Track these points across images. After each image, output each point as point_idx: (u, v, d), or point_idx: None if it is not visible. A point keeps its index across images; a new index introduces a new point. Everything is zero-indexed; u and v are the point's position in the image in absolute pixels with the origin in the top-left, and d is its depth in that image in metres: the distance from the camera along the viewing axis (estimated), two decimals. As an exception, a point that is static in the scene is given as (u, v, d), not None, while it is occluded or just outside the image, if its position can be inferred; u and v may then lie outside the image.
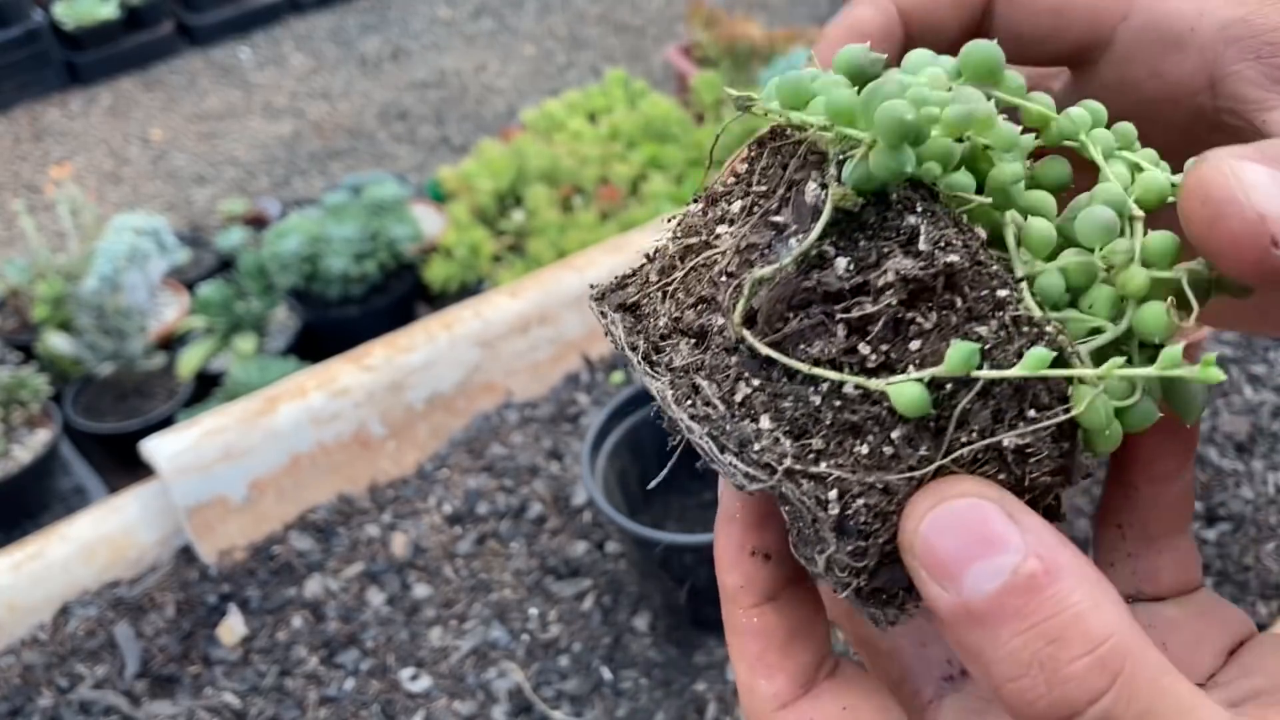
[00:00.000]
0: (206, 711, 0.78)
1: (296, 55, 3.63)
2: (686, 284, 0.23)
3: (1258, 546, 0.81)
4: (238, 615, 0.85)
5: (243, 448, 0.88)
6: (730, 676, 0.77)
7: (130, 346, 1.82)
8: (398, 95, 3.38)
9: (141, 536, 0.89)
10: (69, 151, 3.21)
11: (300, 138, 3.21)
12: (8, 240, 2.85)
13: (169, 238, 1.87)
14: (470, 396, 0.99)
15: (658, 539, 0.73)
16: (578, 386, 1.03)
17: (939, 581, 0.21)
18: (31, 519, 1.72)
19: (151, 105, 3.40)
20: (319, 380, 0.93)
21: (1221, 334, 1.01)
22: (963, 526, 0.21)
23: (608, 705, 0.76)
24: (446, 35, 3.70)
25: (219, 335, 2.01)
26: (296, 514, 0.92)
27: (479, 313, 1.00)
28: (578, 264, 1.05)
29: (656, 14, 3.74)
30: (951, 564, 0.21)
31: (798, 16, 3.65)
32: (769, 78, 1.27)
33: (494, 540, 0.89)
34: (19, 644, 0.84)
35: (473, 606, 0.84)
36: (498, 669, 0.79)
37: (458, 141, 3.15)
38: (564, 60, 3.52)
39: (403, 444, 0.96)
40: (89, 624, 0.85)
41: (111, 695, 0.80)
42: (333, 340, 1.98)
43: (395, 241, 2.07)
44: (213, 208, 2.90)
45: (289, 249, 1.98)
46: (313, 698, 0.79)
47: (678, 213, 0.25)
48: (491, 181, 1.97)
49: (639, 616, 0.82)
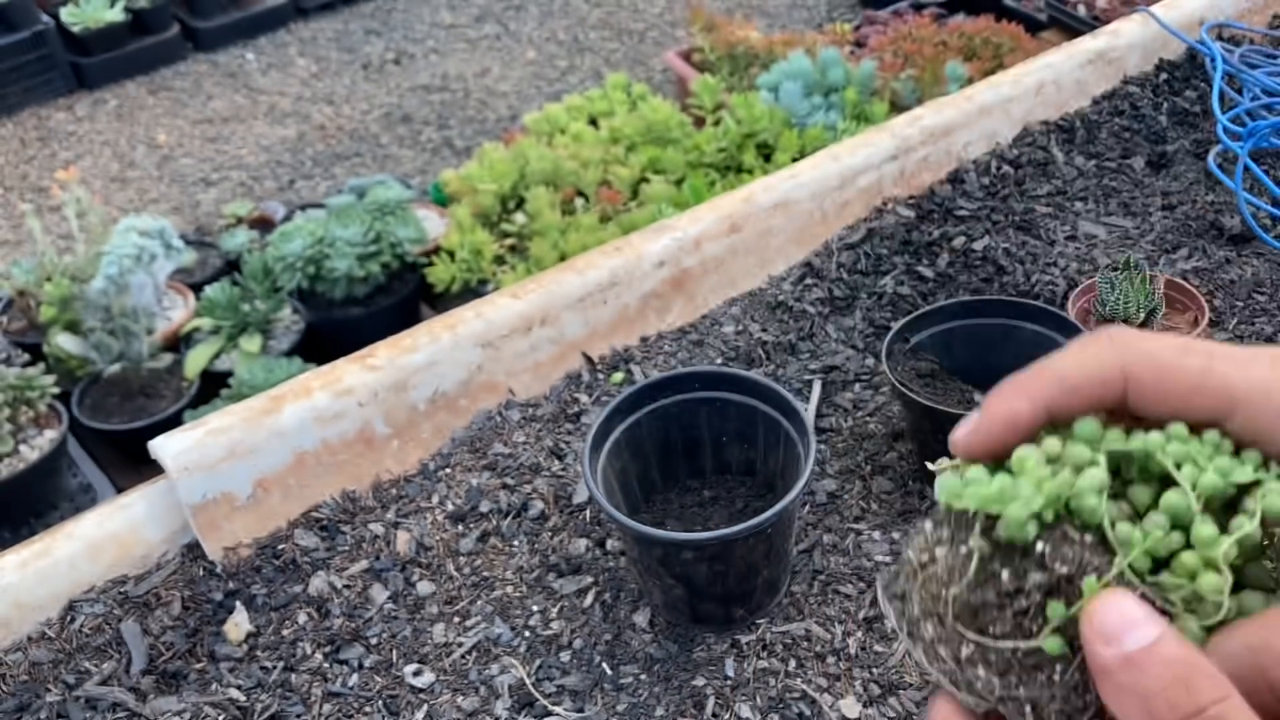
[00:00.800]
0: (212, 707, 0.79)
1: (301, 59, 3.65)
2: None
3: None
4: (243, 612, 0.86)
5: (248, 446, 0.89)
6: (730, 671, 0.77)
7: (137, 347, 1.83)
8: (401, 99, 3.39)
9: (148, 534, 0.90)
10: (75, 154, 3.22)
11: (305, 141, 3.23)
12: (15, 242, 2.87)
13: (175, 240, 1.89)
14: (473, 396, 1.00)
15: (658, 537, 0.74)
16: (579, 386, 1.03)
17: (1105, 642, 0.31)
18: (39, 517, 1.73)
19: (157, 109, 3.42)
20: (324, 380, 0.94)
21: (1213, 334, 1.02)
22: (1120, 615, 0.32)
23: (608, 700, 0.77)
24: (449, 40, 3.72)
25: (225, 336, 2.02)
26: (301, 512, 0.93)
27: (481, 313, 1.01)
28: (579, 266, 1.06)
29: (657, 19, 3.75)
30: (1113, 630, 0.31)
31: (796, 21, 3.66)
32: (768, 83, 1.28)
33: (496, 538, 0.90)
34: (26, 641, 0.85)
35: (475, 603, 0.85)
36: (500, 665, 0.80)
37: (460, 145, 3.16)
38: (565, 64, 3.54)
39: (406, 443, 0.97)
40: (95, 621, 0.86)
41: (118, 691, 0.81)
42: (337, 341, 1.99)
43: (399, 243, 2.08)
44: (218, 210, 2.91)
45: (294, 251, 1.99)
46: (317, 693, 0.80)
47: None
48: (494, 184, 1.98)
49: (639, 613, 0.82)
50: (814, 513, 0.89)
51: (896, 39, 2.23)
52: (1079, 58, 1.39)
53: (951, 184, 1.26)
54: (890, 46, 2.17)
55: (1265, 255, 1.14)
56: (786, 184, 1.16)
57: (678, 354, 1.06)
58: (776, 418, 0.80)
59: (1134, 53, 1.44)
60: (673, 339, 1.09)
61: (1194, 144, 1.32)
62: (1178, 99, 1.40)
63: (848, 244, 1.18)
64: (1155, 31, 1.45)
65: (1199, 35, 1.47)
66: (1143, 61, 1.45)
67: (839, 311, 1.11)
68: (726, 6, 3.75)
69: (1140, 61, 1.45)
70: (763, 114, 1.96)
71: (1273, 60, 1.42)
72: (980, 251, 1.15)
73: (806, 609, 0.81)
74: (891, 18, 2.59)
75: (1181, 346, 0.37)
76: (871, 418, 0.97)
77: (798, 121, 2.00)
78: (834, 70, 2.06)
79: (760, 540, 0.75)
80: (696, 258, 1.10)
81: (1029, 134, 1.34)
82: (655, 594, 0.81)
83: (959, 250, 1.16)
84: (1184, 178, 1.27)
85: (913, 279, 1.13)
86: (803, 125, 2.00)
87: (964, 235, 1.18)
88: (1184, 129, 1.36)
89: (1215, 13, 1.51)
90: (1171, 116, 1.37)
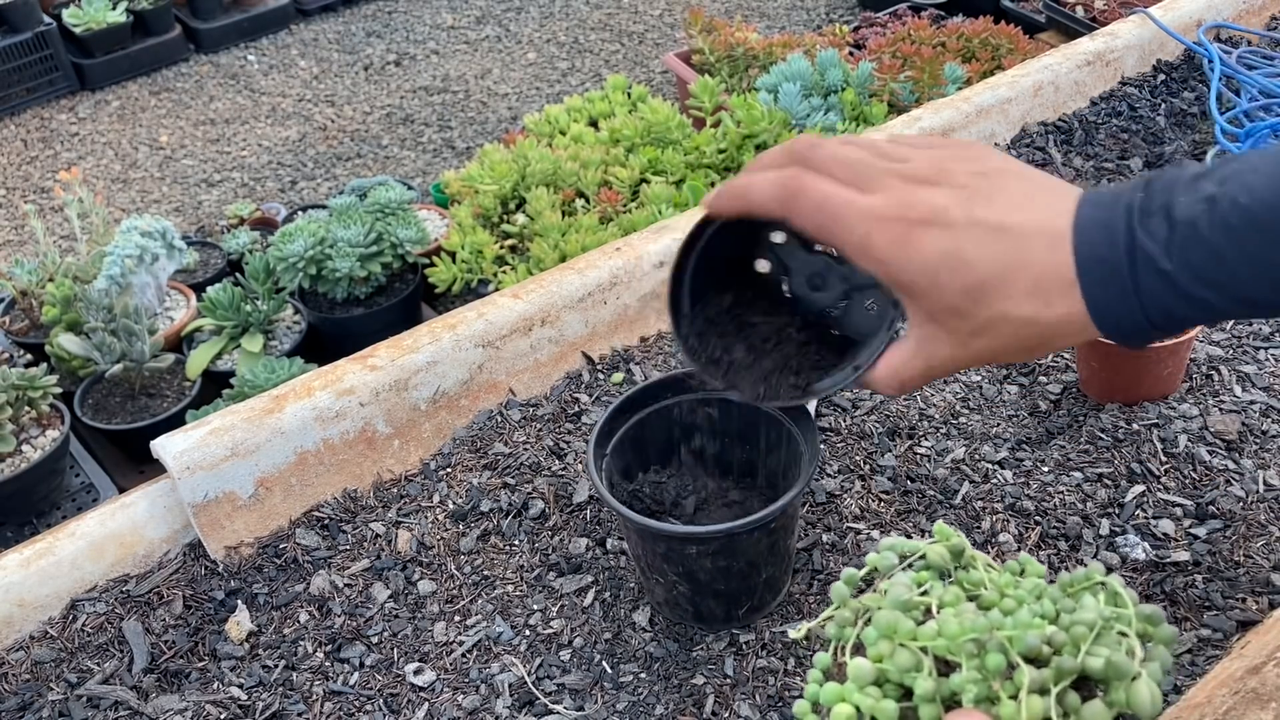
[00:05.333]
0: (213, 706, 0.79)
1: (302, 61, 3.65)
2: None
3: (1247, 543, 0.82)
4: (245, 611, 0.86)
5: (250, 446, 0.90)
6: (729, 670, 0.78)
7: (139, 347, 1.83)
8: (402, 100, 3.40)
9: (150, 533, 0.90)
10: (78, 155, 3.23)
11: (306, 142, 3.23)
12: (18, 242, 2.87)
13: (177, 240, 1.89)
14: (474, 395, 1.01)
15: (663, 531, 0.75)
16: (579, 386, 1.04)
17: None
18: (41, 516, 1.74)
19: (159, 110, 3.42)
20: (325, 380, 0.94)
21: (1211, 333, 1.02)
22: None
23: (608, 699, 0.77)
24: (450, 41, 3.72)
25: (226, 336, 2.02)
26: (303, 511, 0.93)
27: (482, 313, 1.01)
28: (579, 266, 1.07)
29: (656, 21, 3.75)
30: None
31: (795, 23, 3.67)
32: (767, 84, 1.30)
33: (497, 537, 0.90)
34: (28, 640, 0.85)
35: (476, 602, 0.85)
36: (500, 663, 0.80)
37: (461, 146, 3.16)
38: (566, 66, 3.54)
39: (407, 442, 0.98)
40: (98, 620, 0.86)
41: (120, 690, 0.81)
42: (339, 341, 2.00)
43: (400, 244, 2.08)
44: (220, 211, 2.92)
45: (295, 251, 1.99)
46: (318, 692, 0.80)
47: None
48: (494, 185, 1.99)
49: (639, 612, 0.83)
50: (813, 512, 0.89)
51: (895, 40, 2.23)
52: (1077, 59, 1.40)
53: (950, 185, 1.26)
54: (889, 48, 2.17)
55: (1262, 256, 1.15)
56: (786, 185, 1.17)
57: (677, 354, 1.07)
58: (778, 416, 0.80)
59: (1132, 54, 1.44)
60: (672, 339, 1.09)
61: (1192, 145, 1.33)
62: (1175, 100, 1.40)
63: (847, 245, 1.18)
64: (1153, 33, 1.46)
65: (1196, 37, 1.47)
66: (1140, 63, 1.46)
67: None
68: (726, 8, 3.75)
69: (1138, 63, 1.45)
70: (762, 115, 1.97)
71: (1270, 62, 1.43)
72: (979, 252, 1.16)
73: (806, 608, 0.82)
74: (890, 19, 2.60)
75: (848, 204, 0.55)
76: (870, 416, 0.97)
77: (797, 123, 2.01)
78: (832, 72, 2.07)
79: (763, 535, 0.75)
80: (696, 258, 1.11)
81: (1027, 135, 1.34)
82: (657, 591, 0.81)
83: (957, 251, 1.17)
84: (1182, 179, 1.28)
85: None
86: (802, 126, 2.00)
87: (962, 236, 1.18)
88: (1182, 130, 1.36)
89: (1213, 14, 1.51)
90: (1169, 118, 1.38)
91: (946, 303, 0.52)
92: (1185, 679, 0.72)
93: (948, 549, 0.47)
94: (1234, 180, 0.47)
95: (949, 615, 0.43)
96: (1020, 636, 0.41)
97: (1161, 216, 0.48)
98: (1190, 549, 0.81)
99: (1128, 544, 0.82)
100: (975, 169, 0.54)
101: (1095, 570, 0.46)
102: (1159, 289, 0.48)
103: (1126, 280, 0.48)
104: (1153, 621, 0.45)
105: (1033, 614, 0.42)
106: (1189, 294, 0.48)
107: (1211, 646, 0.75)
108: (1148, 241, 0.48)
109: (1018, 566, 0.48)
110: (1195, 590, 0.78)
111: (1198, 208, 0.47)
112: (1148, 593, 0.79)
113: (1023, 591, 0.45)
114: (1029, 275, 0.50)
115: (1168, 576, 0.80)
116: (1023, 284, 0.50)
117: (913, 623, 0.43)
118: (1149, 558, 0.81)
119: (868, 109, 2.02)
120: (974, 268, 0.51)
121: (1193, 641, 0.75)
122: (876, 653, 0.43)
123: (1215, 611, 0.77)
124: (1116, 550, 0.82)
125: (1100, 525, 0.84)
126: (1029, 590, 0.45)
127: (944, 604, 0.44)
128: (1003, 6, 2.73)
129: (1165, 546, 0.82)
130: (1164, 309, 0.48)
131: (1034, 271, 0.50)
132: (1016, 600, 0.44)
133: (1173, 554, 0.81)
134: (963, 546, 0.48)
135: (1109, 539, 0.83)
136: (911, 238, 0.52)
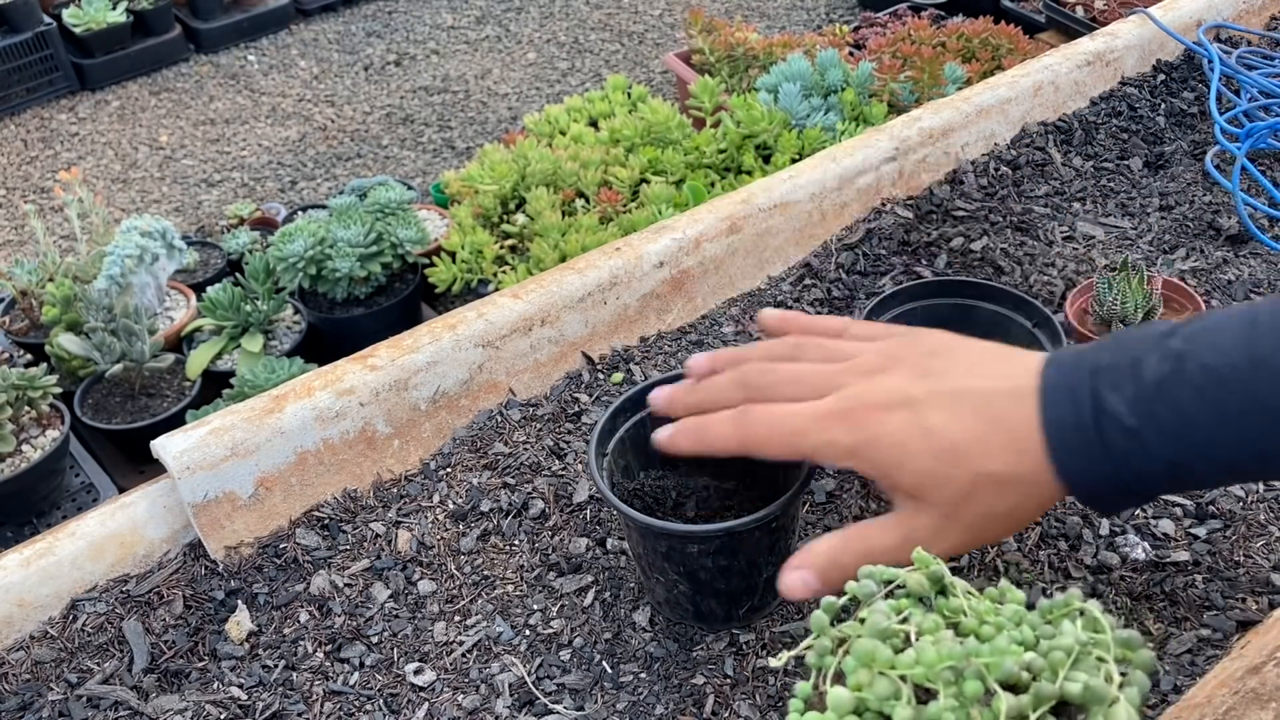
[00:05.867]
0: (213, 705, 0.79)
1: (302, 61, 3.65)
2: None
3: (1247, 543, 0.82)
4: (245, 611, 0.86)
5: (250, 446, 0.90)
6: (729, 670, 0.78)
7: (139, 347, 1.83)
8: (402, 100, 3.40)
9: (150, 533, 0.90)
10: (78, 155, 3.23)
11: (306, 142, 3.23)
12: (17, 242, 2.87)
13: (177, 240, 1.89)
14: (474, 395, 1.01)
15: (664, 529, 0.75)
16: (579, 386, 1.04)
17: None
18: (41, 516, 1.74)
19: (159, 110, 3.42)
20: (325, 380, 0.94)
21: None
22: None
23: (608, 698, 0.77)
24: (450, 41, 3.72)
25: (226, 336, 2.03)
26: (303, 511, 0.93)
27: (482, 313, 1.01)
28: (579, 266, 1.07)
29: (656, 21, 3.75)
30: None
31: (795, 23, 3.67)
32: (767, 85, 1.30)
33: (496, 537, 0.90)
34: (28, 640, 0.85)
35: (476, 602, 0.85)
36: (500, 663, 0.80)
37: (461, 146, 3.17)
38: (565, 66, 3.54)
39: (407, 442, 0.98)
40: (98, 620, 0.86)
41: (120, 690, 0.81)
42: (339, 341, 2.00)
43: (400, 244, 2.08)
44: (220, 211, 2.92)
45: (295, 251, 1.99)
46: (318, 691, 0.80)
47: None
48: (494, 185, 1.99)
49: (639, 612, 0.83)
50: (813, 512, 0.89)
51: (895, 40, 2.23)
52: (1077, 59, 1.40)
53: (950, 185, 1.26)
54: (889, 48, 2.17)
55: (1262, 256, 1.15)
56: (785, 185, 1.17)
57: (678, 354, 1.07)
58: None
59: (1131, 54, 1.44)
60: (672, 339, 1.09)
61: (1191, 145, 1.33)
62: (1175, 100, 1.40)
63: (846, 244, 1.18)
64: (1153, 33, 1.46)
65: (1196, 37, 1.47)
66: (1140, 63, 1.46)
67: (837, 312, 1.11)
68: (726, 8, 3.76)
69: (1138, 63, 1.46)
70: (762, 115, 1.97)
71: (1270, 62, 1.43)
72: (978, 252, 1.16)
73: (805, 608, 0.82)
74: (890, 19, 2.60)
75: (800, 416, 0.59)
76: (870, 417, 0.97)
77: (797, 123, 2.01)
78: (832, 72, 2.07)
79: (764, 534, 0.75)
80: (696, 258, 1.11)
81: (1027, 135, 1.34)
82: (658, 590, 0.81)
83: (957, 250, 1.17)
84: (1181, 179, 1.28)
85: (911, 279, 1.13)
86: (801, 126, 2.00)
87: (962, 236, 1.18)
88: (1181, 130, 1.36)
89: (1213, 14, 1.51)
90: (1169, 118, 1.38)
91: (923, 469, 0.52)
92: (1185, 679, 0.72)
93: (926, 576, 0.48)
94: (1201, 338, 0.47)
95: (927, 643, 0.43)
96: (998, 663, 0.41)
97: (1129, 375, 0.48)
98: (1190, 549, 0.81)
99: (1128, 544, 0.82)
100: (924, 351, 0.55)
101: (1074, 596, 0.47)
102: (1129, 449, 0.48)
103: (1094, 439, 0.49)
104: (1130, 646, 0.46)
105: (1011, 640, 0.42)
106: (1159, 455, 0.47)
107: (1211, 646, 0.75)
108: (1112, 398, 0.48)
109: (998, 593, 0.48)
110: (1195, 590, 0.78)
111: (1165, 366, 0.47)
112: (1148, 593, 0.79)
113: (1002, 618, 0.45)
114: (1004, 429, 0.51)
115: (1168, 576, 0.80)
116: (999, 440, 0.51)
117: (891, 651, 0.43)
118: (1149, 558, 0.81)
119: (867, 109, 2.02)
120: (943, 433, 0.52)
121: (1193, 641, 0.75)
122: (856, 681, 0.43)
123: (1215, 611, 0.77)
124: (1116, 550, 0.82)
125: (1100, 525, 0.84)
126: (1009, 617, 0.45)
127: (923, 631, 0.44)
128: (1003, 6, 2.73)
129: (1165, 546, 0.82)
130: (1136, 471, 0.48)
131: (1007, 425, 0.51)
132: (995, 627, 0.44)
133: (1173, 554, 0.81)
134: (941, 573, 0.48)
135: (1109, 539, 0.83)
136: (873, 420, 0.53)
